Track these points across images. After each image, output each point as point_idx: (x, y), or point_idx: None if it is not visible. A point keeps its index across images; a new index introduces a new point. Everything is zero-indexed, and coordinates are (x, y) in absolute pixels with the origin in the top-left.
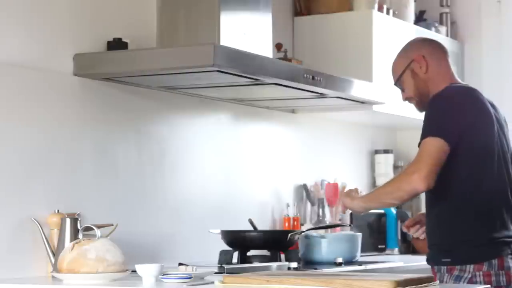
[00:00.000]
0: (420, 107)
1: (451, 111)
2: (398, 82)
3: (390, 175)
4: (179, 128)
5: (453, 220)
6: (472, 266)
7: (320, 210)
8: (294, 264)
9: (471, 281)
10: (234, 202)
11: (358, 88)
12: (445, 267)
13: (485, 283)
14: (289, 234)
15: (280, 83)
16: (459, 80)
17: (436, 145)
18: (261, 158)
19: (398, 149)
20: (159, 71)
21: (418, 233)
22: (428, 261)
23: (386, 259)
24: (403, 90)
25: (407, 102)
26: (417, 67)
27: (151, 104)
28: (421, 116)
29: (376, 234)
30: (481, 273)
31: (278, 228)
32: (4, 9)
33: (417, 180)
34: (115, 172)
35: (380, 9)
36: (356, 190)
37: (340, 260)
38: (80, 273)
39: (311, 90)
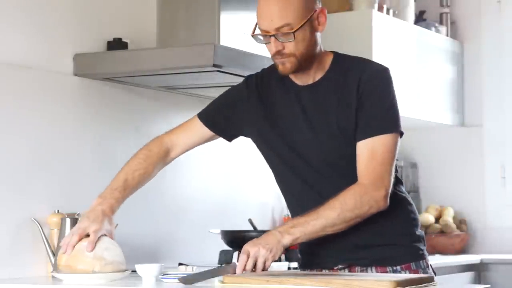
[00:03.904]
0: (291, 69)
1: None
2: (293, 32)
3: None
4: None
5: None
6: None
7: None
8: (294, 264)
9: None
10: (234, 202)
11: None
12: None
13: None
14: None
15: None
16: None
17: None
18: (261, 158)
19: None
20: (159, 71)
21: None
22: None
23: None
24: (280, 41)
25: (277, 57)
26: (316, 22)
27: (151, 104)
28: (421, 116)
29: None
30: None
31: None
32: (4, 10)
33: None
34: (115, 172)
35: (380, 9)
36: None
37: None
38: (77, 270)
39: None
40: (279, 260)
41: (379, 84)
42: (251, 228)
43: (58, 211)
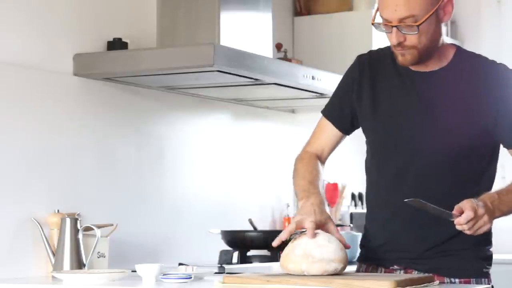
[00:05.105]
0: (411, 61)
1: None
2: (418, 25)
3: None
4: (179, 128)
5: None
6: None
7: None
8: None
9: None
10: (234, 202)
11: None
12: None
13: None
14: None
15: (280, 83)
16: None
17: None
18: (261, 158)
19: None
20: (159, 71)
21: None
22: None
23: None
24: (403, 32)
25: (397, 48)
26: (442, 12)
27: (151, 104)
28: None
29: None
30: None
31: (278, 228)
32: (4, 10)
33: None
34: (115, 172)
35: None
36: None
37: None
38: (287, 269)
39: (311, 90)
40: (279, 260)
41: None
42: (251, 228)
43: (58, 211)
